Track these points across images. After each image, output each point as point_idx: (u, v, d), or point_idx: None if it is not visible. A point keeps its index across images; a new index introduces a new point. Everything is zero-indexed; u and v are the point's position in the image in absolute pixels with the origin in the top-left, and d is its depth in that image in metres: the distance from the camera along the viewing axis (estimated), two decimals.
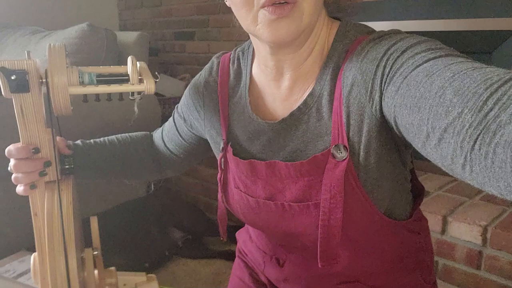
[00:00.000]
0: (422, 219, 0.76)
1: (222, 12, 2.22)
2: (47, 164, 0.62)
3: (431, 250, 0.78)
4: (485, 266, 1.19)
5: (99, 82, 0.61)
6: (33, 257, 0.65)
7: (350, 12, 0.66)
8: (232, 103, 0.71)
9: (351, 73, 0.57)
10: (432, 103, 0.42)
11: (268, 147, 0.67)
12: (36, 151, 0.61)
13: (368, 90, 0.55)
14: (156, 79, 0.62)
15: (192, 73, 2.42)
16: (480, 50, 1.49)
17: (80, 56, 1.64)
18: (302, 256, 0.71)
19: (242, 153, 0.69)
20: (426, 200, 1.37)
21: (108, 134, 0.86)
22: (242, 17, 0.58)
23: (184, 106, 0.79)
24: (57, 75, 0.57)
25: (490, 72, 0.39)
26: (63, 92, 0.58)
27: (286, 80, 0.64)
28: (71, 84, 0.59)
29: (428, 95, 0.43)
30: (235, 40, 2.15)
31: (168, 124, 0.85)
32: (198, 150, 0.83)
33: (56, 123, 0.65)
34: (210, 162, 1.82)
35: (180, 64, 2.52)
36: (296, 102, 0.64)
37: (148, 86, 0.61)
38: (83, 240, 0.75)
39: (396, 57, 0.51)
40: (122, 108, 1.59)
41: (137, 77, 0.61)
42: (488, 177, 0.35)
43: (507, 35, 1.40)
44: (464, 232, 1.20)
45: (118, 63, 1.75)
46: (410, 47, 0.51)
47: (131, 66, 0.61)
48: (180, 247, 1.73)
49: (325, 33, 0.63)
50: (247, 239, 0.86)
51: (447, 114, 0.39)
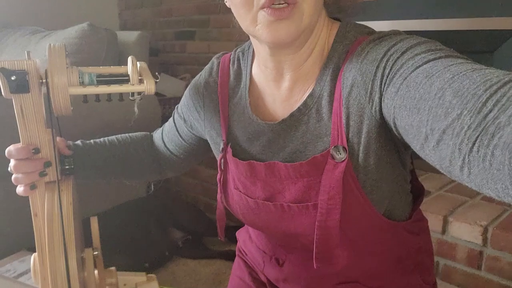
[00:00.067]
0: (422, 219, 0.76)
1: (222, 12, 2.22)
2: (47, 164, 0.62)
3: (431, 251, 0.78)
4: (485, 266, 1.18)
5: (99, 83, 0.61)
6: (33, 257, 0.65)
7: (350, 12, 0.66)
8: (232, 103, 0.71)
9: (351, 74, 0.57)
10: (431, 105, 0.42)
11: (267, 148, 0.67)
12: (36, 151, 0.61)
13: (368, 91, 0.55)
14: (156, 79, 0.62)
15: (192, 73, 2.41)
16: (481, 49, 1.48)
17: (80, 56, 1.64)
18: (302, 256, 0.71)
19: (241, 154, 0.69)
20: (427, 200, 1.37)
21: (108, 135, 0.86)
22: (242, 17, 0.58)
23: (184, 107, 0.79)
24: (57, 76, 0.57)
25: (489, 74, 0.39)
26: (63, 93, 0.58)
27: (286, 81, 0.64)
28: (71, 85, 0.59)
29: (428, 97, 0.43)
30: (235, 40, 2.14)
31: (168, 125, 0.85)
32: (198, 151, 0.82)
33: (56, 124, 0.65)
34: (210, 162, 1.82)
35: (181, 64, 2.52)
36: (296, 103, 0.64)
37: (148, 86, 0.61)
38: (83, 240, 0.75)
39: (396, 58, 0.51)
40: (122, 109, 1.58)
41: (137, 77, 0.61)
42: (486, 179, 0.35)
43: (508, 34, 1.40)
44: (465, 232, 1.20)
45: (119, 63, 1.76)
46: (410, 48, 0.51)
47: (131, 66, 0.61)
48: (180, 247, 1.73)
49: (325, 33, 0.62)
50: (247, 238, 0.86)
51: (446, 116, 0.39)
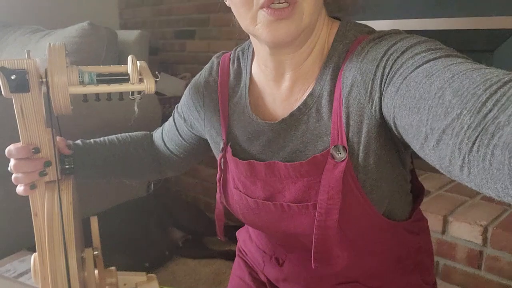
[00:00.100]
0: (422, 219, 0.76)
1: (222, 11, 2.21)
2: (47, 164, 0.62)
3: (431, 251, 0.77)
4: (485, 266, 1.18)
5: (99, 82, 0.60)
6: (33, 257, 0.65)
7: (350, 11, 0.66)
8: (232, 103, 0.71)
9: (351, 73, 0.57)
10: (431, 104, 0.42)
11: (267, 147, 0.66)
12: (36, 151, 0.61)
13: (368, 90, 0.54)
14: (156, 78, 0.62)
15: (192, 72, 2.41)
16: (481, 48, 1.48)
17: (81, 55, 1.64)
18: (302, 256, 0.71)
19: (241, 153, 0.69)
20: (427, 200, 1.37)
21: (108, 134, 0.86)
22: (241, 16, 0.58)
23: (184, 106, 0.79)
24: (57, 75, 0.57)
25: (489, 73, 0.39)
26: (63, 92, 0.58)
27: (286, 80, 0.64)
28: (71, 84, 0.59)
29: (428, 96, 0.42)
30: (235, 39, 2.13)
31: (168, 124, 0.85)
32: (198, 150, 0.82)
33: (56, 123, 0.65)
34: (210, 162, 1.82)
35: (180, 63, 2.52)
36: (296, 103, 0.64)
37: (148, 85, 0.61)
38: (83, 240, 0.75)
39: (396, 57, 0.51)
40: (122, 108, 1.58)
41: (137, 76, 0.61)
42: (485, 179, 0.34)
43: (508, 33, 1.39)
44: (465, 232, 1.20)
45: (119, 62, 1.75)
46: (410, 47, 0.51)
47: (131, 65, 0.61)
48: (180, 247, 1.73)
49: (325, 33, 0.62)
50: (247, 238, 0.86)
51: (446, 115, 0.39)
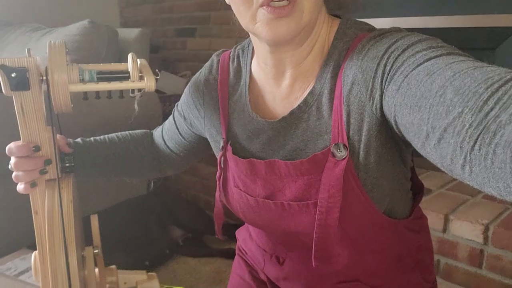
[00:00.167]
0: (422, 217, 0.76)
1: (223, 8, 2.21)
2: (47, 162, 0.62)
3: (431, 249, 0.77)
4: (486, 265, 1.18)
5: (100, 80, 0.60)
6: (34, 255, 0.65)
7: (350, 9, 0.66)
8: (232, 101, 0.71)
9: (351, 71, 0.57)
10: (432, 102, 0.41)
11: (267, 145, 0.66)
12: (36, 149, 0.61)
13: (369, 88, 0.54)
14: (157, 76, 0.62)
15: (193, 70, 2.41)
16: (483, 46, 1.48)
17: (81, 53, 1.64)
18: (302, 254, 0.71)
19: (241, 152, 0.69)
20: (428, 198, 1.37)
21: (109, 132, 0.86)
22: (241, 15, 0.58)
23: (184, 104, 0.79)
24: (57, 73, 0.57)
25: (491, 71, 0.39)
26: (63, 90, 0.58)
27: (286, 78, 0.64)
28: (72, 82, 0.58)
29: (429, 94, 0.42)
30: (236, 37, 2.14)
31: (168, 123, 0.85)
32: (198, 149, 0.82)
33: (56, 121, 0.65)
34: (210, 160, 1.82)
35: (181, 61, 2.52)
36: (296, 101, 0.63)
37: (149, 83, 0.61)
38: (84, 238, 0.75)
39: (397, 55, 0.51)
40: (123, 106, 1.59)
41: (137, 74, 0.61)
42: (487, 177, 0.34)
43: (510, 31, 1.39)
44: (466, 230, 1.20)
45: (119, 60, 1.74)
46: (411, 45, 0.51)
47: (131, 63, 0.61)
48: (181, 245, 1.73)
49: (325, 31, 0.62)
50: (247, 237, 0.86)
51: (447, 114, 0.39)
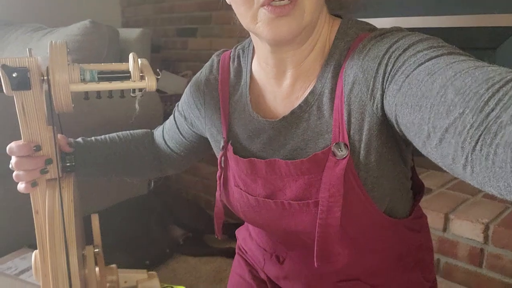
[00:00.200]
0: (422, 216, 0.76)
1: (224, 8, 2.21)
2: (48, 161, 0.62)
3: (431, 248, 0.78)
4: (487, 264, 1.18)
5: (101, 79, 0.60)
6: (34, 254, 0.65)
7: (351, 9, 0.66)
8: (233, 101, 0.71)
9: (352, 71, 0.57)
10: (433, 102, 0.42)
11: (268, 145, 0.66)
12: (37, 148, 0.61)
13: (370, 88, 0.54)
14: (158, 76, 0.62)
15: (194, 70, 2.41)
16: (484, 46, 1.48)
17: (82, 53, 1.64)
18: (302, 253, 0.71)
19: (242, 151, 0.69)
20: (428, 197, 1.37)
21: (109, 132, 0.86)
22: (242, 15, 0.58)
23: (185, 104, 0.79)
24: (58, 73, 0.57)
25: (492, 72, 0.39)
26: (64, 90, 0.58)
27: (287, 78, 0.64)
28: (73, 81, 0.59)
29: (430, 94, 0.42)
30: (237, 37, 2.14)
31: (169, 122, 0.85)
32: (199, 148, 0.82)
33: (57, 121, 0.65)
34: (210, 159, 1.82)
35: (182, 61, 2.52)
36: (297, 100, 0.63)
37: (150, 83, 0.61)
38: (84, 238, 0.75)
39: (398, 55, 0.51)
40: (124, 106, 1.59)
41: (138, 74, 0.61)
42: (488, 177, 0.35)
43: (511, 31, 1.39)
44: (466, 230, 1.20)
45: (120, 60, 1.75)
46: (412, 45, 0.51)
47: (132, 63, 0.61)
48: (181, 244, 1.73)
49: (326, 30, 0.62)
50: (247, 236, 0.86)
51: (448, 114, 0.39)
